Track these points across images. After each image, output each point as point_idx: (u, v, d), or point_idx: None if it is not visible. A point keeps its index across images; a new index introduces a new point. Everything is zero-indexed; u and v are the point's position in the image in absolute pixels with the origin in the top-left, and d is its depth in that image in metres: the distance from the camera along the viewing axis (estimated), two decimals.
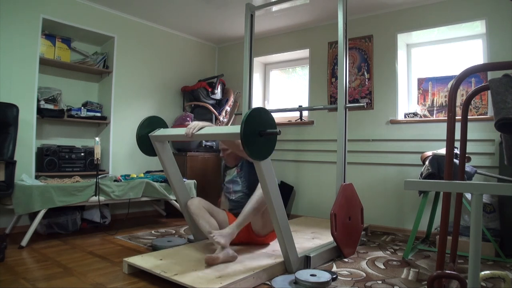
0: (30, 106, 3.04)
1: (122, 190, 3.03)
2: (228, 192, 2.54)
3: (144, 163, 3.93)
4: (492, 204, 2.64)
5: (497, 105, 1.38)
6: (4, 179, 2.52)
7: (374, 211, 3.46)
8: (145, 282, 1.89)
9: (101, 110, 3.64)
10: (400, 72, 3.51)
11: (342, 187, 2.48)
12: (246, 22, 3.22)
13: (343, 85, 2.57)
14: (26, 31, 3.04)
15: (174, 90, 4.37)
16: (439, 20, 3.24)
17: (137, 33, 3.95)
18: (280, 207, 1.96)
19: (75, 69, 3.55)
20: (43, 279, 1.91)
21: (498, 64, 1.57)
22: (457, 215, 1.84)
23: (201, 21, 4.02)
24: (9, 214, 2.87)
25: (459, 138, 1.76)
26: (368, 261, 2.35)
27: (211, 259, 1.95)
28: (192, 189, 3.51)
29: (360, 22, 3.69)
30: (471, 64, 1.57)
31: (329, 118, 3.82)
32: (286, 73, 4.65)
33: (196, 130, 2.01)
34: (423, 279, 1.99)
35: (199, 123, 2.06)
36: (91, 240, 2.81)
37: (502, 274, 1.56)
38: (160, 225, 3.48)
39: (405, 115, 3.47)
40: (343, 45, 2.57)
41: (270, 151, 1.84)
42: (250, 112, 1.72)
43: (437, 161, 2.53)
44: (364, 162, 3.56)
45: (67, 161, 3.28)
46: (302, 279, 1.79)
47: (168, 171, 2.36)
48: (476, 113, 3.15)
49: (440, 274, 1.39)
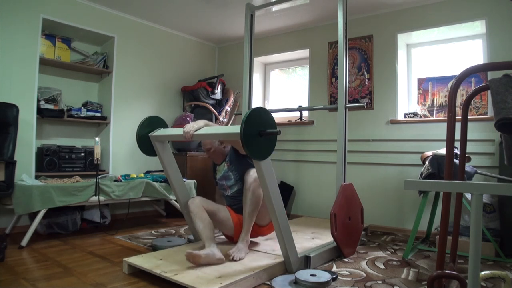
0: (30, 106, 3.04)
1: (122, 190, 3.03)
2: (223, 189, 2.51)
3: (144, 163, 3.93)
4: (492, 204, 2.64)
5: (497, 105, 1.38)
6: (4, 179, 2.52)
7: (374, 211, 3.46)
8: (145, 282, 1.89)
9: (101, 110, 3.65)
10: (400, 72, 3.51)
11: (342, 187, 2.48)
12: (246, 22, 3.22)
13: (343, 85, 2.57)
14: (26, 31, 3.04)
15: (174, 90, 4.37)
16: (439, 20, 3.24)
17: (137, 33, 3.95)
18: (280, 207, 1.96)
19: (75, 69, 3.55)
20: (43, 279, 1.91)
21: (498, 64, 1.57)
22: (457, 215, 1.84)
23: (201, 21, 4.02)
24: (9, 214, 2.87)
25: (459, 138, 1.76)
26: (368, 261, 2.35)
27: (192, 256, 1.90)
28: (192, 189, 3.51)
29: (360, 22, 3.69)
30: (471, 64, 1.57)
31: (329, 118, 3.82)
32: (286, 73, 4.65)
33: (193, 131, 2.01)
34: (423, 279, 1.99)
35: (194, 125, 2.06)
36: (91, 240, 2.81)
37: (502, 274, 1.56)
38: (160, 225, 3.48)
39: (405, 115, 3.47)
40: (343, 45, 2.57)
41: (270, 151, 1.84)
42: (250, 112, 1.72)
43: (437, 161, 2.53)
44: (364, 162, 3.56)
45: (67, 161, 3.28)
46: (302, 279, 1.79)
47: (168, 171, 2.36)
48: (476, 113, 3.15)
49: (440, 274, 1.39)
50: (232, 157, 2.41)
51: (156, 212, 4.05)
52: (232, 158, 2.41)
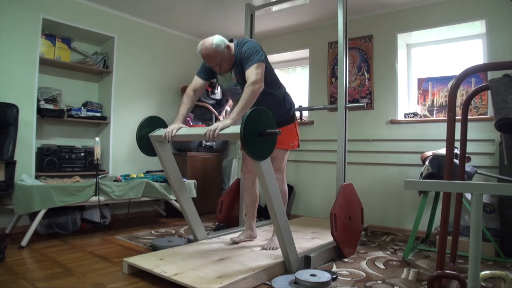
0: (30, 106, 3.04)
1: (122, 190, 3.03)
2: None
3: (144, 163, 3.93)
4: (492, 204, 2.64)
5: (497, 105, 1.38)
6: (4, 179, 2.52)
7: (374, 211, 3.46)
8: (145, 282, 1.89)
9: (101, 110, 3.65)
10: (400, 72, 3.51)
11: (342, 187, 2.48)
12: (246, 22, 3.22)
13: (343, 85, 2.57)
14: (26, 31, 3.04)
15: (174, 90, 4.37)
16: (439, 20, 3.24)
17: (137, 33, 3.95)
18: (280, 207, 1.96)
19: (75, 69, 3.55)
20: (43, 279, 1.91)
21: (498, 64, 1.57)
22: (457, 215, 1.84)
23: (201, 21, 4.02)
24: (9, 214, 2.87)
25: (459, 138, 1.76)
26: (368, 261, 2.35)
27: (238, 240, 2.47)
28: (192, 189, 3.51)
29: (360, 22, 3.69)
30: (471, 64, 1.57)
31: (329, 118, 3.82)
32: (286, 73, 4.65)
33: (219, 129, 1.86)
34: (423, 279, 1.99)
35: (219, 124, 1.91)
36: (91, 240, 2.81)
37: (502, 274, 1.56)
38: (160, 225, 3.48)
39: (405, 115, 3.47)
40: (343, 45, 2.57)
41: (270, 151, 1.84)
42: (250, 112, 1.73)
43: (437, 161, 2.53)
44: (364, 162, 3.56)
45: (67, 161, 3.28)
46: (302, 279, 1.79)
47: (168, 171, 2.36)
48: (476, 113, 3.15)
49: (440, 274, 1.39)
50: (242, 68, 2.17)
51: (156, 212, 4.05)
52: (241, 69, 2.18)
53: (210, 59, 2.16)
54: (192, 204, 2.47)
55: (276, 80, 2.35)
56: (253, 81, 2.00)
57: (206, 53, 2.13)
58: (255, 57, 2.08)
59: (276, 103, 2.32)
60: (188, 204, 2.44)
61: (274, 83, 2.30)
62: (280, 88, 2.38)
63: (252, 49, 2.11)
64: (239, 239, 2.50)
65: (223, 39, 2.16)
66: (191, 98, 2.34)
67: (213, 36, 2.16)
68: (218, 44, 2.11)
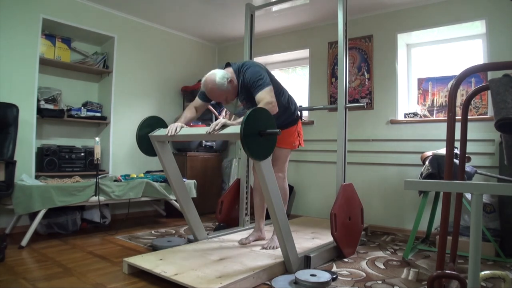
0: (30, 106, 3.04)
1: (122, 190, 3.03)
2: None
3: (144, 163, 3.93)
4: (492, 204, 2.64)
5: (497, 105, 1.38)
6: (4, 179, 2.52)
7: (374, 211, 3.46)
8: (145, 282, 1.89)
9: (101, 110, 3.65)
10: (400, 72, 3.51)
11: (342, 187, 2.48)
12: (246, 22, 3.22)
13: (343, 85, 2.57)
14: (26, 31, 3.04)
15: (174, 90, 4.37)
16: (439, 20, 3.24)
17: (137, 33, 3.95)
18: (280, 207, 1.96)
19: (75, 69, 3.55)
20: (43, 279, 1.91)
21: (498, 64, 1.57)
22: (457, 215, 1.84)
23: (201, 21, 4.02)
24: (9, 214, 2.87)
25: (459, 138, 1.76)
26: (368, 261, 2.35)
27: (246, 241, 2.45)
28: (192, 189, 3.51)
29: (360, 22, 3.69)
30: (471, 64, 1.57)
31: (329, 118, 3.82)
32: (286, 73, 4.65)
33: (219, 126, 1.88)
34: (423, 279, 1.99)
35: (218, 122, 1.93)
36: (91, 240, 2.81)
37: (502, 274, 1.56)
38: (160, 225, 3.48)
39: (405, 115, 3.47)
40: (343, 45, 2.57)
41: (270, 151, 1.84)
42: (250, 112, 1.72)
43: (437, 161, 2.53)
44: (364, 162, 3.56)
45: (67, 161, 3.28)
46: (302, 279, 1.79)
47: (168, 171, 2.36)
48: (476, 113, 3.15)
49: (440, 274, 1.39)
50: (247, 94, 2.21)
51: (156, 212, 4.05)
52: (247, 96, 2.22)
53: (215, 98, 2.22)
54: (192, 204, 2.47)
55: (280, 88, 2.36)
56: (268, 102, 2.02)
57: (210, 92, 2.17)
58: (262, 83, 2.10)
59: (283, 110, 2.34)
60: (188, 204, 2.44)
61: (278, 92, 2.30)
62: (284, 93, 2.40)
63: (256, 76, 2.12)
64: (247, 240, 2.49)
65: (224, 75, 2.14)
66: (194, 112, 2.37)
67: (214, 74, 2.13)
68: (221, 83, 2.12)
